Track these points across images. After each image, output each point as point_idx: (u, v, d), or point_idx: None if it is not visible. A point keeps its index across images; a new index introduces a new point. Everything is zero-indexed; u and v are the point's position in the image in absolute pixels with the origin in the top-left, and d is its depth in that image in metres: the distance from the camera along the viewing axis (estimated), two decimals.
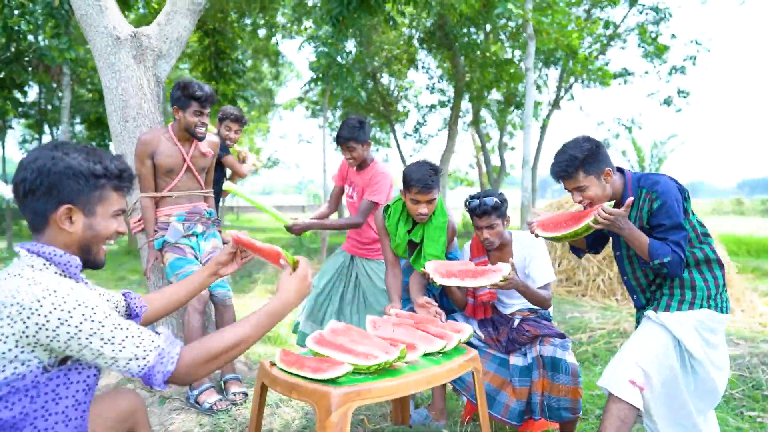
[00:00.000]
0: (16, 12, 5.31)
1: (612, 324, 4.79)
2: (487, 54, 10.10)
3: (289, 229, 3.10)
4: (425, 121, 13.48)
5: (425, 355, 2.13)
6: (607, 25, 11.21)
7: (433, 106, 12.91)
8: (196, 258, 2.88)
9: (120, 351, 1.21)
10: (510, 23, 8.76)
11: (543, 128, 12.63)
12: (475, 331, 2.70)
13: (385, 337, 2.14)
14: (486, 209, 2.51)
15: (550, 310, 2.80)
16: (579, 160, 2.10)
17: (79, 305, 1.18)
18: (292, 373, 1.86)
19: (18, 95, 8.30)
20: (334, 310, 3.34)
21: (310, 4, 9.35)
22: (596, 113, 20.65)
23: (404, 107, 13.54)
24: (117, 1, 3.32)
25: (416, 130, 13.56)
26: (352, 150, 3.13)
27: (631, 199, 2.01)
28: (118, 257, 11.35)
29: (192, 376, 1.30)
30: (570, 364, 2.42)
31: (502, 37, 10.40)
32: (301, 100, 17.46)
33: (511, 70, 10.16)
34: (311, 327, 3.29)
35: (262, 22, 10.79)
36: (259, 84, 19.16)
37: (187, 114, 2.79)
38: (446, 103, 12.26)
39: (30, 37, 6.12)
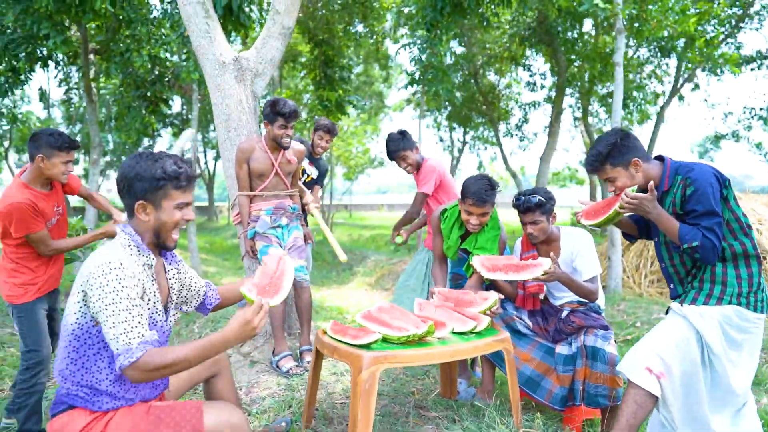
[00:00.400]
0: (157, 42, 6.49)
1: None
2: (589, 46, 9.72)
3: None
4: (526, 119, 13.23)
5: (460, 333, 2.40)
6: (735, 4, 10.16)
7: (535, 104, 12.64)
8: (281, 245, 3.39)
9: (110, 329, 1.52)
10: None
11: (658, 120, 11.77)
12: (523, 320, 2.89)
13: (422, 316, 2.45)
14: (529, 206, 2.69)
15: (601, 303, 2.89)
16: (603, 155, 2.22)
17: (116, 282, 1.56)
18: (337, 339, 2.25)
19: (164, 108, 9.71)
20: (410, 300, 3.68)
21: (406, 11, 9.73)
22: (725, 103, 18.35)
23: (507, 106, 13.42)
24: (237, 28, 3.96)
25: (518, 127, 13.36)
26: (405, 159, 3.59)
27: (652, 183, 2.10)
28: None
29: (140, 378, 1.52)
30: (608, 354, 2.52)
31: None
32: (408, 101, 17.99)
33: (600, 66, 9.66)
34: None
35: (366, 30, 11.41)
36: (369, 87, 20.02)
37: (274, 127, 3.31)
38: (548, 100, 11.95)
39: (167, 61, 7.37)
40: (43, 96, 10.45)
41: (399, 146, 3.55)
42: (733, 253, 2.12)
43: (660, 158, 2.29)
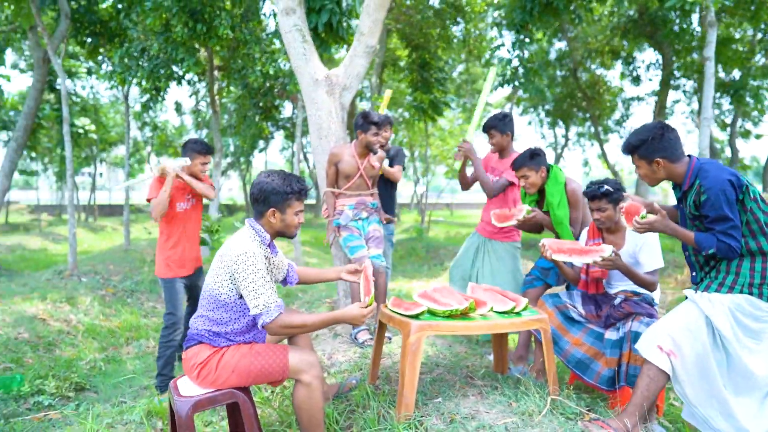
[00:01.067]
0: (268, 60, 7.49)
1: None
2: (697, 37, 9.18)
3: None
4: (627, 115, 12.66)
5: (501, 312, 2.78)
6: None
7: (638, 98, 12.08)
8: (361, 236, 3.95)
9: (251, 294, 2.13)
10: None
11: None
12: (576, 308, 3.18)
13: (467, 296, 2.86)
14: (596, 194, 2.97)
15: (657, 296, 3.09)
16: (632, 146, 2.47)
17: (251, 261, 2.17)
18: (394, 311, 2.74)
19: (275, 114, 10.82)
20: (470, 280, 4.09)
21: (496, 14, 9.90)
22: None
23: (609, 101, 12.94)
24: (338, 41, 4.57)
25: (619, 123, 12.83)
26: (493, 137, 3.88)
27: (656, 204, 2.36)
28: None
29: (276, 332, 2.17)
30: None
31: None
32: (509, 98, 17.92)
33: (728, 53, 9.03)
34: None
35: (461, 34, 11.71)
36: (471, 85, 20.18)
37: (368, 135, 3.84)
38: (653, 94, 11.38)
39: (277, 75, 8.39)
40: (179, 107, 12.13)
41: (494, 123, 3.83)
42: (749, 250, 2.28)
43: (690, 156, 2.48)
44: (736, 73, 11.31)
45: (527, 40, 8.41)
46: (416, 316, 2.62)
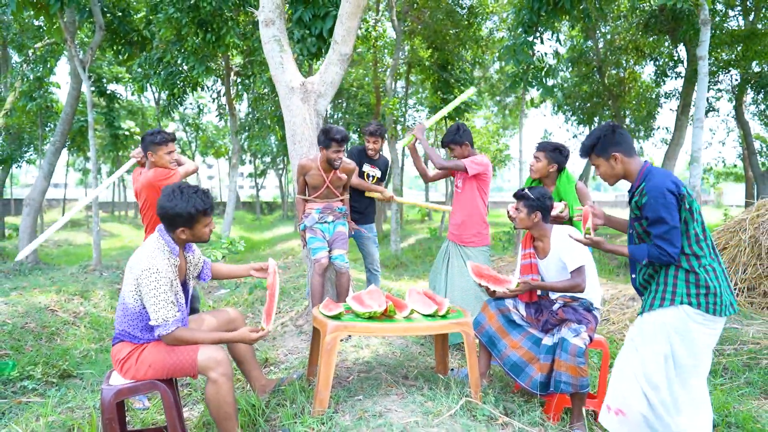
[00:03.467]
0: None
1: None
2: (721, 31, 8.78)
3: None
4: (651, 114, 12.20)
5: (427, 315, 2.87)
6: None
7: (667, 95, 11.62)
8: (324, 238, 4.11)
9: (152, 308, 2.33)
10: None
11: None
12: (519, 311, 3.24)
13: (394, 299, 2.97)
14: (516, 194, 3.17)
15: (599, 297, 3.12)
16: (588, 146, 2.57)
17: (154, 278, 2.34)
18: (320, 312, 2.88)
19: None
20: (440, 285, 4.20)
21: (504, 15, 9.80)
22: None
23: (635, 97, 12.51)
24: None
25: (643, 122, 12.39)
26: (453, 150, 4.11)
27: (591, 225, 2.53)
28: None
29: (170, 343, 2.39)
30: (571, 345, 2.80)
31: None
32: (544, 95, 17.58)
33: (758, 47, 8.57)
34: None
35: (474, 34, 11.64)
36: (504, 85, 19.93)
37: (329, 152, 3.98)
38: (669, 95, 10.94)
39: None
40: (200, 110, 12.71)
41: (452, 138, 4.07)
42: (680, 263, 2.34)
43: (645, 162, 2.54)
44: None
45: (536, 40, 8.32)
46: (335, 317, 2.76)
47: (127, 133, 19.63)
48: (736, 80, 11.69)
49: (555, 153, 3.47)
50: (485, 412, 2.63)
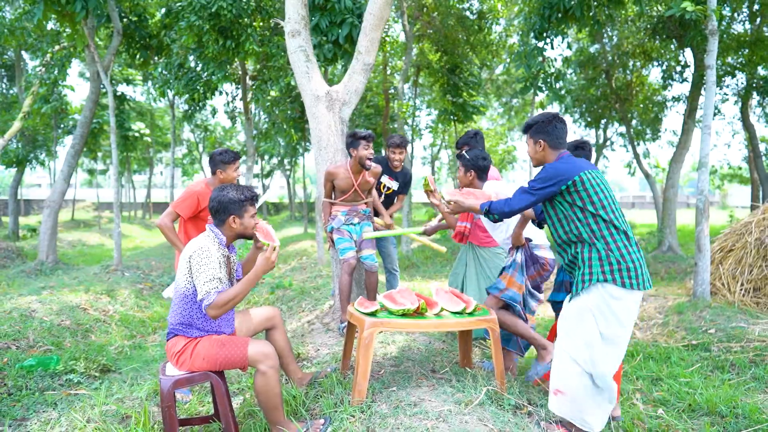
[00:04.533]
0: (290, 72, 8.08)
1: None
2: (727, 36, 8.96)
3: (425, 232, 4.26)
4: (658, 118, 12.37)
5: (455, 312, 3.08)
6: None
7: (675, 99, 11.80)
8: (352, 238, 4.32)
9: (199, 283, 2.52)
10: None
11: None
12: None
13: (427, 297, 3.18)
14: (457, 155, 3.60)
15: (541, 235, 3.54)
16: (528, 125, 2.87)
17: (204, 255, 2.57)
18: (356, 309, 3.09)
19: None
20: (460, 284, 4.40)
21: (512, 19, 9.99)
22: None
23: (643, 101, 12.69)
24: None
25: (650, 124, 12.56)
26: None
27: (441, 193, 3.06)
28: None
29: (216, 314, 2.51)
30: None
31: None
32: (538, 104, 17.75)
33: (764, 52, 8.74)
34: None
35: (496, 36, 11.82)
36: (512, 86, 20.10)
37: (359, 150, 4.18)
38: (676, 100, 11.11)
39: None
40: (214, 112, 13.00)
41: (467, 141, 4.19)
42: (584, 239, 2.59)
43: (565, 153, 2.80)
44: None
45: (546, 46, 8.51)
46: (372, 314, 2.97)
47: (137, 134, 19.92)
48: (742, 84, 11.86)
49: (577, 151, 3.58)
50: (511, 401, 2.84)
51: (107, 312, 5.81)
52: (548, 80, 8.81)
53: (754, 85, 11.02)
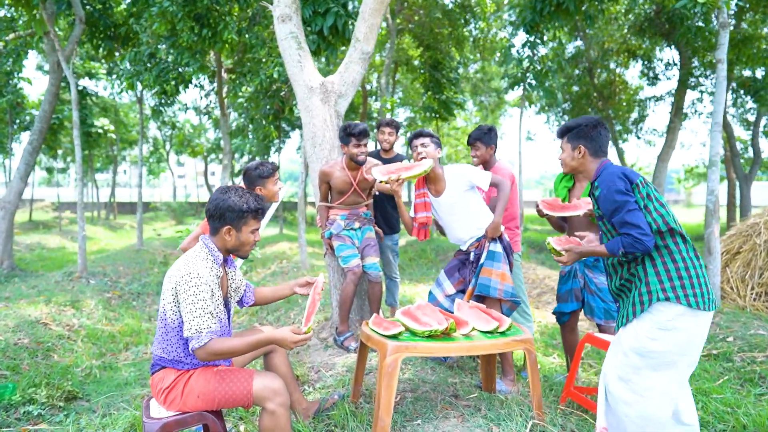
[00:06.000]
0: (273, 63, 7.53)
1: None
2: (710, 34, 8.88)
3: None
4: (642, 116, 12.35)
5: (485, 332, 2.70)
6: None
7: (655, 98, 11.77)
8: (354, 245, 3.90)
9: (188, 316, 2.07)
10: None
11: None
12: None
13: (454, 315, 2.78)
14: (417, 134, 3.32)
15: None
16: (567, 128, 2.52)
17: (194, 283, 2.10)
18: (374, 330, 2.68)
19: (289, 116, 10.83)
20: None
21: (506, 16, 9.73)
22: None
23: (626, 100, 12.64)
24: (345, 43, 4.48)
25: (635, 123, 12.53)
26: (478, 149, 3.81)
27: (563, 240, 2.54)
28: None
29: (203, 358, 2.09)
30: None
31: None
32: (528, 98, 17.62)
33: (753, 51, 8.69)
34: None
35: (475, 33, 11.55)
36: (488, 83, 19.94)
37: (350, 147, 3.77)
38: (669, 95, 11.07)
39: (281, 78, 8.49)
40: (185, 108, 12.30)
41: (480, 136, 3.77)
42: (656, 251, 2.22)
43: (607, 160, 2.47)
44: (760, 72, 10.97)
45: (538, 41, 8.25)
46: (394, 336, 2.56)
47: (100, 130, 18.87)
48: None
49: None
50: None
51: (72, 326, 5.20)
52: (538, 77, 8.54)
53: (734, 85, 11.06)
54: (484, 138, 3.78)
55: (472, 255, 3.34)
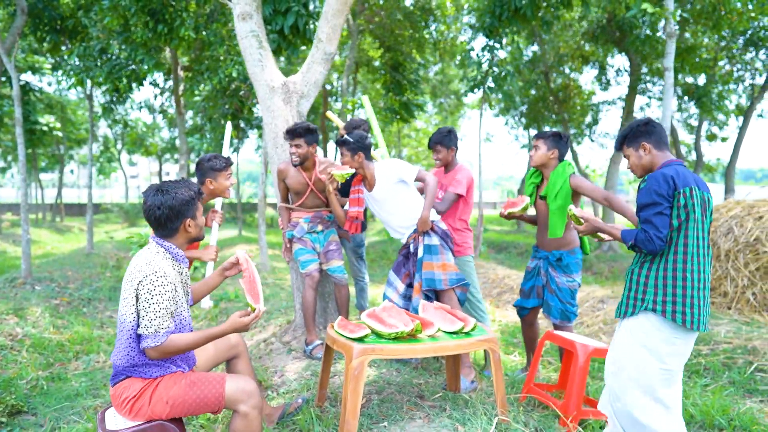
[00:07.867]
0: (232, 62, 7.37)
1: (743, 339, 4.45)
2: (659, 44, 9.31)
3: None
4: (596, 120, 12.82)
5: (450, 332, 2.71)
6: None
7: (607, 102, 12.23)
8: (314, 249, 3.85)
9: (148, 315, 2.01)
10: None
11: (747, 116, 10.97)
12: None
13: (419, 317, 2.79)
14: (336, 141, 3.48)
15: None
16: (622, 137, 2.53)
17: (160, 282, 2.02)
18: (339, 333, 2.65)
19: (247, 115, 10.61)
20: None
21: (465, 20, 9.88)
22: None
23: (579, 105, 13.08)
24: (305, 43, 4.41)
25: (589, 127, 12.98)
26: (439, 152, 3.82)
27: (573, 210, 2.60)
28: None
29: (156, 357, 2.05)
30: None
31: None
32: (482, 101, 17.95)
33: (696, 59, 9.16)
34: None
35: (435, 36, 11.65)
36: (447, 86, 20.16)
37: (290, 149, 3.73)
38: (621, 99, 11.52)
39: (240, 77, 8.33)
40: (140, 107, 11.86)
41: (440, 139, 3.77)
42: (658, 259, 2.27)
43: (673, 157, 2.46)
44: (702, 79, 11.59)
45: (497, 45, 8.41)
46: (360, 339, 2.54)
47: (45, 128, 17.96)
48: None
49: (554, 138, 3.34)
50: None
51: (15, 336, 4.92)
52: (497, 80, 8.71)
53: (678, 91, 11.60)
54: (444, 141, 3.80)
55: (411, 247, 3.45)
